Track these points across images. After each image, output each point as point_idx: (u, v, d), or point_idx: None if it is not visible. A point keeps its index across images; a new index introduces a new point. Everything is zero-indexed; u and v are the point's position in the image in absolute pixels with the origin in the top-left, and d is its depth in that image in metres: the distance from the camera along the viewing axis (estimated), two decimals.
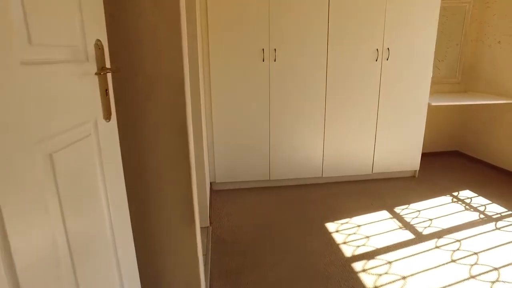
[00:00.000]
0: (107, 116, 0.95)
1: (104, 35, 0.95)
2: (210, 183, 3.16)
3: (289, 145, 3.09)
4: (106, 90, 0.94)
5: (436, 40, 3.07)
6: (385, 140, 3.23)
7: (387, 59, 3.01)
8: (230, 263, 2.13)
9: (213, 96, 2.86)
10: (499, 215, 2.72)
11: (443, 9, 3.52)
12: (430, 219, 2.64)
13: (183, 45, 1.19)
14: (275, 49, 2.82)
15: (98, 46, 0.90)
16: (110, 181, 0.95)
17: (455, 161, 3.98)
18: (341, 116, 3.09)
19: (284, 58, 2.86)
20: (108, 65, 0.96)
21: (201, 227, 2.20)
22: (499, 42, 3.54)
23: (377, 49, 2.97)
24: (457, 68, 3.87)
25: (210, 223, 2.54)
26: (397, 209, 2.79)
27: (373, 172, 3.32)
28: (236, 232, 2.48)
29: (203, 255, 1.78)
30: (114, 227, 0.97)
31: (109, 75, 0.96)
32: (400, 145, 3.28)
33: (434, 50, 3.07)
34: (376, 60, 3.00)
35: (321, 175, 3.24)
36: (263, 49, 2.80)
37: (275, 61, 2.85)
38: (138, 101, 1.20)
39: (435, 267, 2.07)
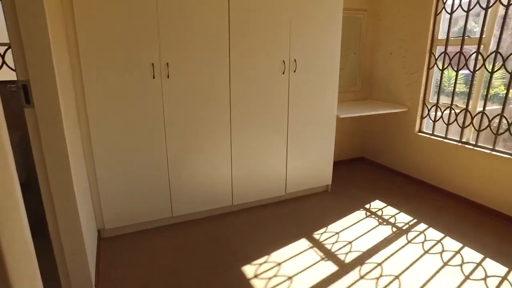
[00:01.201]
0: None
1: None
2: (98, 231, 2.52)
3: (192, 173, 2.65)
4: None
5: None
6: (297, 156, 3.04)
7: (295, 71, 2.80)
8: None
9: (92, 128, 2.24)
10: (408, 225, 2.75)
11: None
12: (350, 242, 2.50)
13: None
14: (167, 64, 2.34)
15: None
16: None
17: (362, 168, 4.06)
18: (249, 135, 2.77)
19: (180, 74, 2.40)
20: None
21: None
22: (391, 53, 3.69)
23: (283, 61, 2.74)
24: (357, 76, 3.94)
25: (97, 285, 1.95)
26: (316, 235, 2.60)
27: (287, 192, 3.10)
28: None
29: None
30: None
31: None
32: (312, 161, 3.13)
33: (339, 61, 2.98)
34: (283, 73, 2.76)
35: (231, 203, 2.88)
36: (152, 64, 2.29)
37: (168, 77, 2.36)
38: None
39: None
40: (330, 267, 2.22)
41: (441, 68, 3.23)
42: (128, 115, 2.32)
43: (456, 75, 3.09)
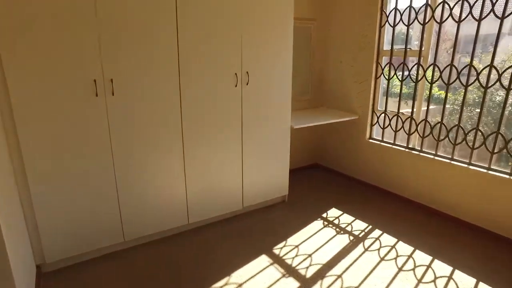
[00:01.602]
0: None
1: None
2: (37, 267, 2.25)
3: (144, 193, 2.49)
4: None
5: None
6: (252, 169, 2.99)
7: (247, 84, 2.75)
8: None
9: (26, 155, 2.00)
10: (364, 233, 2.82)
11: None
12: (310, 255, 2.50)
13: None
14: (112, 80, 2.16)
15: None
16: None
17: (317, 175, 4.12)
18: (202, 150, 2.67)
19: (126, 90, 2.23)
20: None
21: None
22: (340, 62, 3.79)
23: (235, 74, 2.67)
24: (309, 85, 3.99)
25: None
26: (276, 249, 2.57)
27: (244, 206, 3.04)
28: None
29: None
30: None
31: None
32: (268, 172, 3.10)
33: (291, 72, 2.98)
34: (236, 86, 2.70)
35: (187, 222, 2.76)
36: (94, 81, 2.11)
37: (113, 95, 2.19)
38: None
39: None
40: (291, 284, 2.19)
41: (387, 77, 3.37)
42: (69, 136, 2.10)
43: (401, 86, 3.25)
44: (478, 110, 2.71)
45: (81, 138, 2.14)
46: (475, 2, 2.59)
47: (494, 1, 2.49)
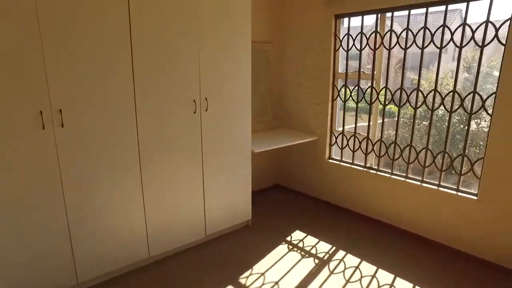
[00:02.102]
0: None
1: None
2: None
3: (99, 228, 2.32)
4: None
5: None
6: (214, 195, 2.92)
7: (206, 110, 2.70)
8: None
9: None
10: (328, 254, 2.84)
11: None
12: (276, 283, 2.46)
13: None
14: (60, 110, 2.01)
15: None
16: None
17: (279, 196, 4.12)
18: (162, 180, 2.56)
19: (76, 121, 2.08)
20: None
21: None
22: (298, 84, 3.88)
23: (194, 100, 2.62)
24: (268, 106, 4.03)
25: None
26: (242, 279, 2.50)
27: (207, 234, 2.95)
28: None
29: None
30: None
31: None
32: (230, 198, 3.04)
33: (250, 96, 2.99)
34: (195, 112, 2.64)
35: (147, 255, 2.60)
36: (41, 112, 1.95)
37: (62, 126, 2.03)
38: None
39: None
40: None
41: (343, 99, 3.50)
42: (14, 175, 1.91)
43: (356, 108, 3.38)
44: (426, 123, 2.87)
45: (28, 173, 1.96)
46: (418, 31, 2.79)
47: (433, 32, 2.70)
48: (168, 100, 2.47)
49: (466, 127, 2.69)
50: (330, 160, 3.72)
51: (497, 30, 2.39)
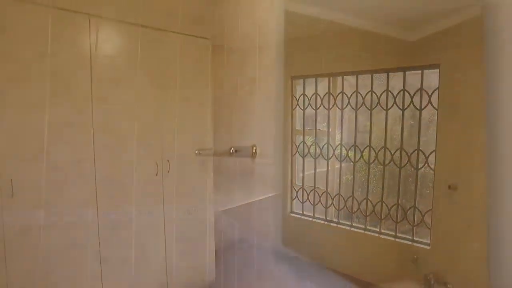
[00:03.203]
0: None
1: None
2: None
3: None
4: None
5: None
6: (177, 261, 2.82)
7: (168, 172, 2.70)
8: None
9: None
10: None
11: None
12: None
13: None
14: (11, 181, 1.92)
15: None
16: None
17: (242, 252, 4.04)
18: (120, 252, 2.45)
19: (25, 191, 2.00)
20: None
21: None
22: None
23: (156, 163, 2.62)
24: None
25: None
26: None
27: None
28: None
29: None
30: None
31: None
32: (193, 262, 2.95)
33: (213, 154, 3.04)
34: (157, 175, 2.63)
35: None
36: None
37: (12, 196, 1.93)
38: None
39: None
40: None
41: (302, 155, 3.66)
42: None
43: (315, 162, 3.54)
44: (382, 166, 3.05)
45: None
46: (366, 94, 3.07)
47: (379, 96, 2.99)
48: (127, 163, 2.44)
49: (414, 182, 2.90)
50: (292, 214, 3.78)
51: (429, 96, 2.71)
